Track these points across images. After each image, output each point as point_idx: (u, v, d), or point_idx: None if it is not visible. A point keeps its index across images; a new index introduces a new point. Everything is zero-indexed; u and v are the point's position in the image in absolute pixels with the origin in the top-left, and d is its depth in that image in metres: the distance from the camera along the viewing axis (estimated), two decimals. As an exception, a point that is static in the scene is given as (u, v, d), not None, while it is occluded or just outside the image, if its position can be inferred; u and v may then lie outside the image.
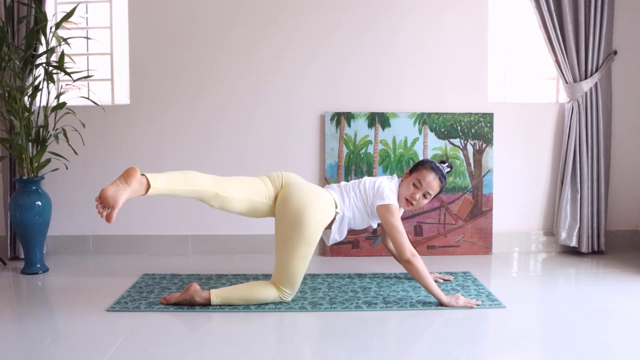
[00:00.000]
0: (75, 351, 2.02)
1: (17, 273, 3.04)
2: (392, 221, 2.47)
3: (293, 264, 2.39)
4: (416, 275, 2.43)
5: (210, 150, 3.38)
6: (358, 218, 2.59)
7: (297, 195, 2.42)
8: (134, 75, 3.36)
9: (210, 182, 2.32)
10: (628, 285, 2.77)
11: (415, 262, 2.41)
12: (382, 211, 2.50)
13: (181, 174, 2.27)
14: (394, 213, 2.49)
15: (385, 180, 2.59)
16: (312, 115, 3.38)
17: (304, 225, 2.37)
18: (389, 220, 2.48)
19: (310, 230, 2.38)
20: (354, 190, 2.59)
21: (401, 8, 3.33)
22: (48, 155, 3.11)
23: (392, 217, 2.48)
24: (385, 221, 2.50)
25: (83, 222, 3.39)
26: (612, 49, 3.34)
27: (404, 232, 2.47)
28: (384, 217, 2.49)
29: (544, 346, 2.10)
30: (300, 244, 2.38)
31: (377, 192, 2.53)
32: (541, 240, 3.47)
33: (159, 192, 2.20)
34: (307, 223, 2.37)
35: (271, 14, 3.33)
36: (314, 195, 2.44)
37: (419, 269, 2.41)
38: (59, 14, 3.24)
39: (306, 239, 2.38)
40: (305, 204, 2.39)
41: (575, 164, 3.32)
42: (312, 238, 2.40)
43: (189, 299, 2.43)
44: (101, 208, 2.10)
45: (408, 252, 2.42)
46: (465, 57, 3.37)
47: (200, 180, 2.29)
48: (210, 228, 3.40)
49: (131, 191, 2.12)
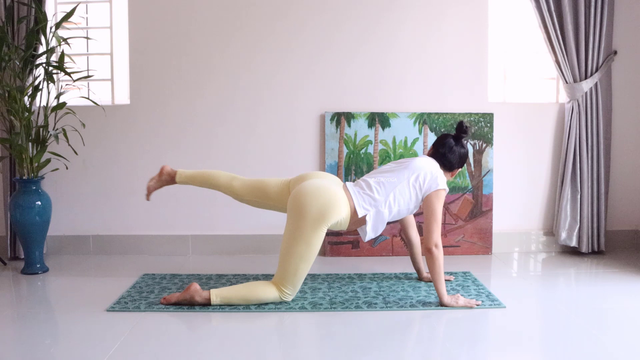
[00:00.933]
0: (75, 351, 2.02)
1: (17, 273, 3.04)
2: (437, 207, 2.45)
3: (292, 263, 2.39)
4: (431, 267, 2.42)
5: (211, 150, 3.38)
6: (404, 210, 2.53)
7: (300, 194, 2.40)
8: (134, 75, 3.36)
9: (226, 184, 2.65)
10: (628, 285, 2.77)
11: (437, 253, 2.41)
12: (432, 196, 2.47)
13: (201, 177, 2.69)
14: (442, 199, 2.48)
15: (435, 166, 2.56)
16: (312, 115, 3.38)
17: (302, 225, 2.36)
18: (434, 205, 2.45)
19: (307, 228, 2.36)
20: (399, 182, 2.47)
21: (401, 8, 3.33)
22: (48, 155, 3.11)
23: (439, 203, 2.46)
24: (430, 205, 2.46)
25: (83, 222, 3.39)
26: (612, 49, 3.34)
27: (440, 220, 2.46)
28: (431, 201, 2.46)
29: (544, 346, 2.10)
30: (299, 243, 2.37)
31: (433, 178, 2.49)
32: (541, 240, 3.47)
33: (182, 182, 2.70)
34: (305, 223, 2.36)
35: (271, 15, 3.33)
36: (317, 194, 2.39)
37: (437, 262, 2.41)
38: (59, 14, 3.24)
39: (303, 237, 2.36)
40: (304, 204, 2.37)
41: (575, 164, 3.32)
42: (309, 237, 2.37)
43: (189, 299, 2.42)
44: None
45: (434, 240, 2.41)
46: (465, 57, 3.37)
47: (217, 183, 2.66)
48: (210, 228, 3.40)
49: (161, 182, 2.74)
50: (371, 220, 2.46)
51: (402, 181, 2.49)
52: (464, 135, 2.63)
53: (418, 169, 2.51)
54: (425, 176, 2.49)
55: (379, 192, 2.47)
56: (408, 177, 2.49)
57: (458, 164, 2.64)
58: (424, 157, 2.63)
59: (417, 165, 2.53)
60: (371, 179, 2.53)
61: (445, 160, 2.61)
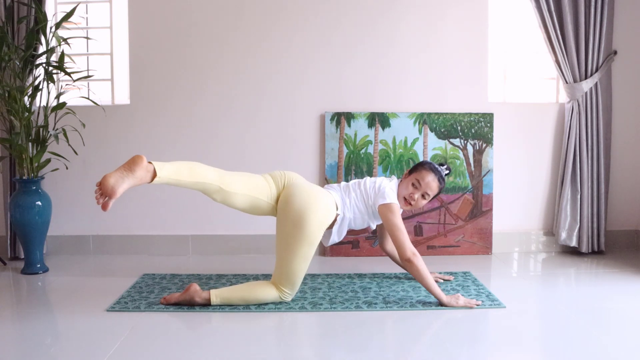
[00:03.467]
0: (75, 351, 2.02)
1: (17, 273, 3.04)
2: (394, 220, 2.47)
3: (294, 264, 2.40)
4: (417, 275, 2.43)
5: (210, 150, 3.38)
6: (358, 218, 2.60)
7: (299, 196, 2.42)
8: (134, 75, 3.36)
9: (215, 175, 2.32)
10: (628, 285, 2.77)
11: (415, 261, 2.41)
12: (383, 210, 2.50)
13: (187, 166, 2.26)
14: (395, 212, 2.49)
15: (385, 180, 2.61)
16: (312, 115, 3.38)
17: (306, 225, 2.37)
18: (390, 219, 2.48)
19: (312, 230, 2.38)
20: (354, 191, 2.60)
21: (401, 8, 3.33)
22: (48, 155, 3.11)
23: (393, 216, 2.48)
24: (386, 220, 2.50)
25: (83, 222, 3.39)
26: (612, 49, 3.34)
27: (404, 231, 2.47)
28: (385, 216, 2.50)
29: (544, 346, 2.10)
30: (302, 244, 2.38)
31: (379, 191, 2.53)
32: (541, 240, 3.47)
33: (164, 182, 2.19)
34: (309, 223, 2.37)
35: (271, 14, 3.33)
36: (317, 195, 2.45)
37: (420, 269, 2.41)
38: (59, 14, 3.24)
39: (308, 239, 2.39)
40: (307, 204, 2.39)
41: (575, 164, 3.32)
42: (313, 238, 2.40)
43: (188, 299, 2.43)
44: (99, 195, 2.08)
45: (409, 251, 2.42)
46: (465, 57, 3.37)
47: (205, 173, 2.29)
48: (210, 228, 3.40)
49: (135, 179, 2.09)
50: (338, 224, 2.56)
51: (356, 189, 2.59)
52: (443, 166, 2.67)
53: (369, 181, 2.61)
54: (370, 188, 2.57)
55: (342, 197, 2.58)
56: (359, 186, 2.61)
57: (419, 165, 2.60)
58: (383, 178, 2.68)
59: (370, 179, 2.64)
60: (342, 184, 2.67)
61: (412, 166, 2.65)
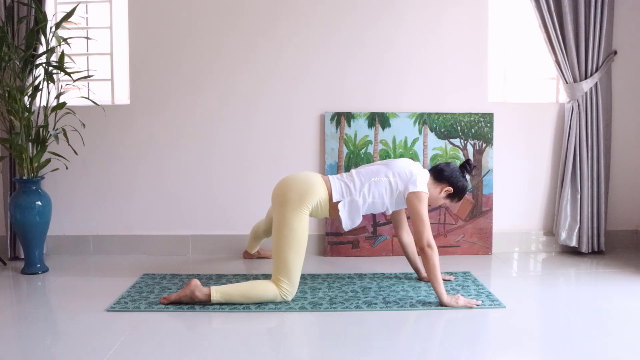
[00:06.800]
0: (75, 351, 2.02)
1: (17, 273, 3.04)
2: (420, 209, 2.48)
3: (282, 253, 2.44)
4: (426, 266, 2.44)
5: (210, 150, 3.38)
6: (378, 203, 2.57)
7: (278, 185, 2.56)
8: (134, 75, 3.36)
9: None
10: (628, 285, 2.77)
11: (430, 253, 2.42)
12: (412, 198, 2.50)
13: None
14: (424, 201, 2.50)
15: (416, 168, 2.59)
16: (312, 115, 3.38)
17: (283, 210, 2.46)
18: (417, 207, 2.48)
19: (288, 213, 2.44)
20: (376, 175, 2.57)
21: (401, 8, 3.33)
22: (48, 155, 3.11)
23: (421, 205, 2.48)
24: (412, 207, 2.49)
25: (83, 222, 3.39)
26: (612, 49, 3.34)
27: (428, 222, 2.47)
28: (413, 204, 2.49)
29: (544, 346, 2.10)
30: (282, 229, 2.44)
31: (411, 178, 2.53)
32: (541, 240, 3.47)
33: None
34: (286, 208, 2.45)
35: (271, 14, 3.33)
36: (294, 179, 2.53)
37: (433, 261, 2.42)
38: (59, 14, 3.24)
39: (286, 223, 2.44)
40: (283, 190, 2.50)
41: (575, 164, 3.32)
42: (291, 222, 2.44)
43: (189, 294, 2.43)
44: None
45: (426, 240, 2.43)
46: (465, 57, 3.37)
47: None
48: (210, 228, 3.40)
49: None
50: (345, 209, 2.55)
51: (380, 174, 2.57)
52: (468, 168, 2.67)
53: (398, 166, 2.59)
54: (403, 174, 2.55)
55: (354, 182, 2.57)
56: (386, 171, 2.58)
57: (449, 179, 2.61)
58: (410, 160, 2.68)
59: (399, 163, 2.61)
60: (354, 169, 2.66)
61: (437, 170, 2.64)
